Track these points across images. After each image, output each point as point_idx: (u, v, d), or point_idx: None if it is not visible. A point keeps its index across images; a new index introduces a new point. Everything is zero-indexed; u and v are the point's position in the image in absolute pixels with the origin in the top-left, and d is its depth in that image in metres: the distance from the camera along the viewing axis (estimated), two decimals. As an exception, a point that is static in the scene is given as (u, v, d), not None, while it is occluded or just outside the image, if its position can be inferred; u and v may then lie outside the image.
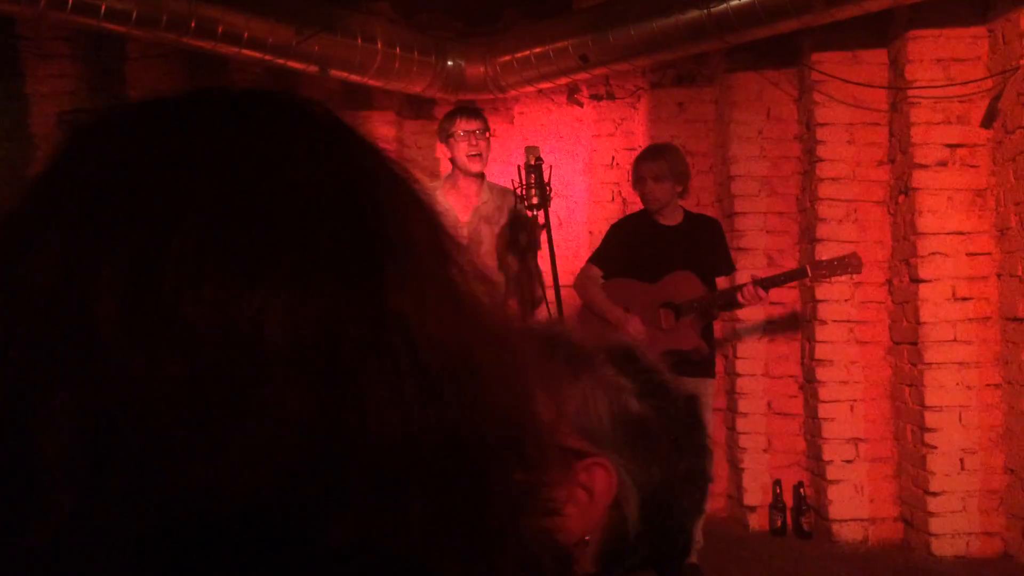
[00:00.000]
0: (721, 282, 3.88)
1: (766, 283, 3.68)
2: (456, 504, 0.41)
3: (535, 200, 3.37)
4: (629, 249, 3.89)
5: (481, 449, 0.41)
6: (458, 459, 0.41)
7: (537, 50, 4.66)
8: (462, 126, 3.57)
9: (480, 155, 3.58)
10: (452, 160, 3.63)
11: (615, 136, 5.09)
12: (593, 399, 0.82)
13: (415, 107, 5.15)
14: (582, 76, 4.75)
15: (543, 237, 3.50)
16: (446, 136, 3.61)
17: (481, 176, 3.63)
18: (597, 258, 3.98)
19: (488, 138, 3.67)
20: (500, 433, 0.42)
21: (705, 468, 0.87)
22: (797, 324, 4.62)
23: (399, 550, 0.39)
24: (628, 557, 0.80)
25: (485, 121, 3.71)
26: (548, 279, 3.37)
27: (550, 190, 3.49)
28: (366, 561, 0.38)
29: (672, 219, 3.90)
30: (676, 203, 3.90)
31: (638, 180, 3.86)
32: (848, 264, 3.65)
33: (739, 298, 3.69)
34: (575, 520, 0.79)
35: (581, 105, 5.18)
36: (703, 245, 3.86)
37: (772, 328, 4.65)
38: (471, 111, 3.75)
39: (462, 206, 3.62)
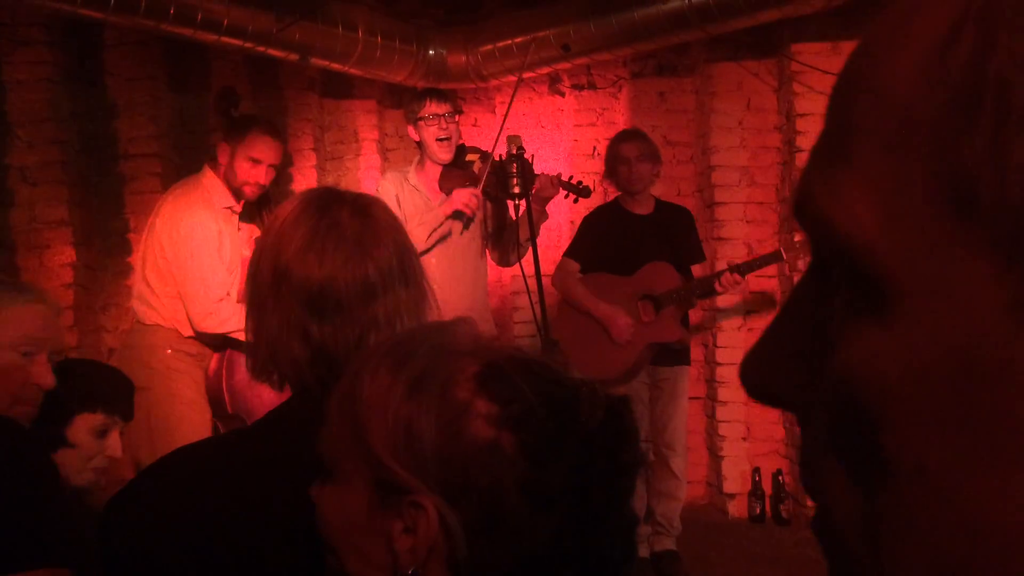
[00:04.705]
0: (696, 270, 3.90)
1: (742, 269, 3.70)
2: None
3: (516, 189, 3.36)
4: (604, 241, 3.89)
5: None
6: None
7: (519, 39, 4.65)
8: (431, 108, 3.50)
9: (449, 139, 3.51)
10: (420, 144, 3.58)
11: (596, 126, 5.09)
12: (418, 425, 0.75)
13: (396, 96, 5.12)
14: (564, 66, 4.75)
15: (523, 225, 3.49)
16: (415, 118, 3.54)
17: (449, 164, 3.57)
18: (573, 251, 3.98)
19: (458, 122, 3.62)
20: None
21: (616, 474, 0.78)
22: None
23: None
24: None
25: (455, 104, 3.64)
26: (529, 269, 3.36)
27: (532, 178, 3.49)
28: None
29: (644, 208, 3.91)
30: (649, 190, 3.93)
31: (622, 162, 3.85)
32: None
33: (717, 286, 3.71)
34: (405, 553, 0.76)
35: (563, 95, 5.18)
36: (676, 234, 3.88)
37: (752, 317, 4.68)
38: (441, 93, 3.67)
39: (432, 190, 3.60)
